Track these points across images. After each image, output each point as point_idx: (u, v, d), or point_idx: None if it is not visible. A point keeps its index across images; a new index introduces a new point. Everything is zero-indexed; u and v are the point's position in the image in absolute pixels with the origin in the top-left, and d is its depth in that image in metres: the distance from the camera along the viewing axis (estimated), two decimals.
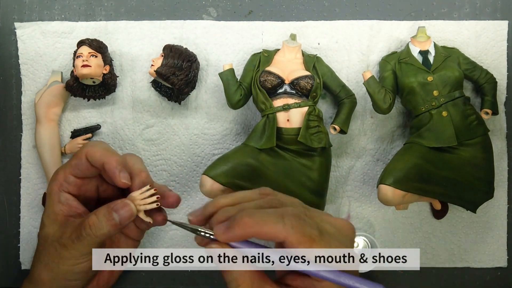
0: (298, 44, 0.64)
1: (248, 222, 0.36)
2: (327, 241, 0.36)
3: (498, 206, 0.67)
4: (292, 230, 0.35)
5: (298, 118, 0.60)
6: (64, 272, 0.46)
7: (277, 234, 0.35)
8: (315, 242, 0.36)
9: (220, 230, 0.37)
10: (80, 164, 0.46)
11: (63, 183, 0.47)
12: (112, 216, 0.44)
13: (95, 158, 0.45)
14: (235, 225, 0.36)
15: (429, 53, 0.63)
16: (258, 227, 0.35)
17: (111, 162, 0.45)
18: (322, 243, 0.36)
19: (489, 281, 0.68)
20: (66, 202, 0.47)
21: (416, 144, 0.61)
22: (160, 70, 0.61)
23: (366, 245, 0.66)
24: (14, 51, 0.67)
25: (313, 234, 0.36)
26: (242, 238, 0.37)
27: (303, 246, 0.36)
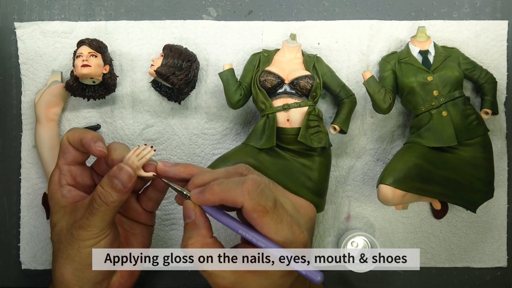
0: (298, 44, 0.64)
1: (216, 189, 0.41)
2: (279, 215, 0.40)
3: (498, 206, 0.67)
4: (248, 196, 0.39)
5: (298, 118, 0.60)
6: (87, 257, 0.46)
7: (236, 199, 0.40)
8: (268, 213, 0.39)
9: (195, 192, 0.43)
10: (66, 150, 0.49)
11: (60, 177, 0.49)
12: (114, 183, 0.45)
13: (74, 138, 0.48)
14: (206, 190, 0.42)
15: (429, 53, 0.63)
16: (223, 193, 0.41)
17: (86, 136, 0.47)
18: (273, 215, 0.40)
19: (489, 281, 0.68)
20: (69, 193, 0.49)
21: (416, 144, 0.61)
22: (160, 70, 0.61)
23: (366, 245, 0.66)
24: (14, 51, 0.67)
25: (267, 205, 0.40)
26: (211, 202, 0.42)
27: (256, 214, 0.39)
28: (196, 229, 0.43)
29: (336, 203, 0.67)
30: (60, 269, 0.48)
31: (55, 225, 0.49)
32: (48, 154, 0.63)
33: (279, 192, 0.43)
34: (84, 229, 0.46)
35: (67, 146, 0.49)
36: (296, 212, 0.43)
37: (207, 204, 0.42)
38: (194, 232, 0.43)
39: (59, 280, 0.48)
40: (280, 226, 0.40)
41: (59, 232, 0.48)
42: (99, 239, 0.47)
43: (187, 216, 0.44)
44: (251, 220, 0.40)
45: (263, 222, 0.40)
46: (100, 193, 0.45)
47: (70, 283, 0.47)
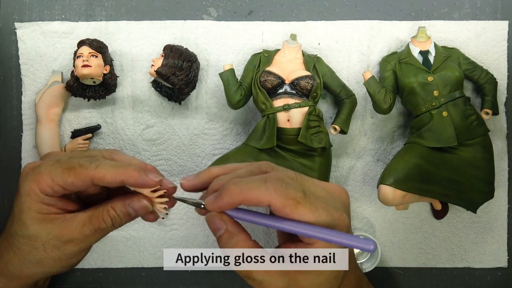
0: (298, 44, 0.64)
1: (234, 190, 0.37)
2: (312, 203, 0.37)
3: (498, 206, 0.67)
4: (275, 193, 0.36)
5: (298, 118, 0.60)
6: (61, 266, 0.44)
7: (261, 198, 0.36)
8: (300, 204, 0.36)
9: (210, 200, 0.38)
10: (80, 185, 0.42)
11: (46, 189, 0.43)
12: (128, 212, 0.43)
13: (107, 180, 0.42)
14: (222, 194, 0.37)
15: (430, 53, 0.63)
16: (243, 193, 0.37)
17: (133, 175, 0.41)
18: (307, 204, 0.37)
19: (490, 281, 0.68)
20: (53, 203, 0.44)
21: (417, 144, 0.61)
22: (161, 70, 0.61)
23: None
24: (15, 51, 0.67)
25: (297, 196, 0.37)
26: (231, 206, 0.38)
27: (288, 208, 0.36)
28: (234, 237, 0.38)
29: None
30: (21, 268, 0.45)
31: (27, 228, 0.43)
32: None
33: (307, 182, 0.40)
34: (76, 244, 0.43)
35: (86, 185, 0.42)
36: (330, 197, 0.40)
37: (227, 208, 0.38)
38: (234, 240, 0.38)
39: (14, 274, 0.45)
40: (317, 213, 0.37)
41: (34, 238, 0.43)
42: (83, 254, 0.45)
43: (216, 228, 0.39)
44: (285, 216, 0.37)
45: (298, 214, 0.36)
46: (113, 216, 0.43)
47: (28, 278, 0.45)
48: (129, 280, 0.67)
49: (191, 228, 0.67)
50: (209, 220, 0.39)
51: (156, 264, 0.67)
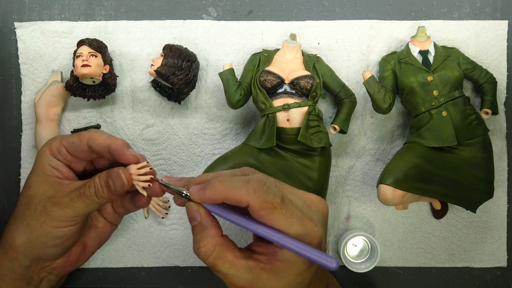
0: (298, 44, 0.64)
1: (218, 187, 0.39)
2: (288, 210, 0.38)
3: (498, 206, 0.67)
4: (254, 194, 0.38)
5: (298, 118, 0.60)
6: (45, 235, 0.46)
7: (241, 198, 0.38)
8: (276, 208, 0.38)
9: (194, 190, 0.41)
10: (79, 145, 0.47)
11: (55, 152, 0.48)
12: (109, 182, 0.45)
13: (99, 141, 0.46)
14: (207, 188, 0.40)
15: (429, 53, 0.63)
16: (226, 191, 0.39)
17: (117, 142, 0.46)
18: (283, 210, 0.38)
19: (489, 281, 0.68)
20: (57, 167, 0.48)
21: (416, 144, 0.61)
22: (160, 70, 0.61)
23: (366, 245, 0.66)
24: (14, 51, 0.67)
25: (275, 201, 0.38)
26: (213, 201, 0.40)
27: (264, 211, 0.38)
28: (204, 230, 0.41)
29: (336, 203, 0.67)
30: (14, 232, 0.47)
31: (29, 187, 0.48)
32: None
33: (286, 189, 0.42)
34: (61, 207, 0.45)
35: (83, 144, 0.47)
36: (307, 207, 0.41)
37: (209, 202, 0.41)
38: (203, 234, 0.41)
39: (7, 243, 0.48)
40: (291, 220, 0.38)
41: (31, 196, 0.47)
42: (66, 224, 0.46)
43: (192, 218, 0.42)
44: (259, 218, 0.39)
45: (273, 218, 0.38)
46: (96, 184, 0.46)
47: (17, 250, 0.47)
48: (129, 280, 0.67)
49: (190, 228, 0.67)
50: (187, 208, 0.42)
51: (156, 264, 0.67)
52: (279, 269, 0.40)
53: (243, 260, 0.40)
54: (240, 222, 0.40)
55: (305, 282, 0.41)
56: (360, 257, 0.66)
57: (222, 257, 0.40)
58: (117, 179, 0.45)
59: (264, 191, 0.38)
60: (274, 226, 0.38)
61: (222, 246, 0.41)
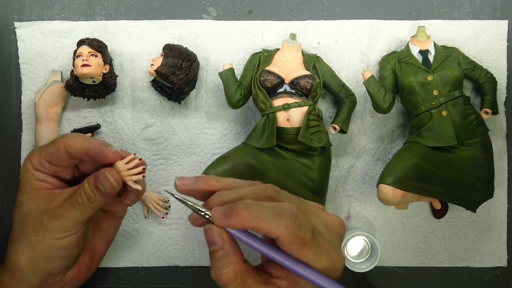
0: (298, 43, 0.64)
1: (245, 215, 0.36)
2: (318, 244, 0.37)
3: (498, 205, 0.67)
4: (286, 230, 0.36)
5: (298, 117, 0.60)
6: (48, 248, 0.45)
7: (271, 231, 0.36)
8: (306, 244, 0.36)
9: (218, 214, 0.37)
10: (57, 154, 0.47)
11: (37, 165, 0.48)
12: (99, 186, 0.45)
13: (76, 147, 0.46)
14: (232, 214, 0.37)
15: (429, 52, 0.63)
16: (254, 222, 0.36)
17: (94, 144, 0.45)
18: (312, 246, 0.37)
19: (489, 281, 0.68)
20: (44, 179, 0.47)
21: (416, 144, 0.61)
22: (160, 69, 0.61)
23: (366, 245, 0.66)
24: (14, 50, 0.67)
25: (306, 237, 0.36)
26: (238, 228, 0.38)
27: (294, 246, 0.36)
28: (227, 257, 0.38)
29: (336, 203, 0.67)
30: (17, 253, 0.46)
31: (21, 205, 0.47)
32: None
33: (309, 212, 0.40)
34: (58, 219, 0.45)
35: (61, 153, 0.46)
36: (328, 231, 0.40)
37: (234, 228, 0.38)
38: (225, 260, 0.38)
39: (12, 264, 0.47)
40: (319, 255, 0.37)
41: (25, 214, 0.46)
42: (67, 234, 0.46)
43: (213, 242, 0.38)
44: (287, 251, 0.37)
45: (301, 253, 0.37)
46: (86, 190, 0.45)
47: (24, 269, 0.46)
48: (129, 280, 0.67)
49: (190, 227, 0.67)
50: (208, 232, 0.39)
51: (156, 264, 0.67)
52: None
53: (263, 286, 0.38)
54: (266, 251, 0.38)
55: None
56: (360, 257, 0.66)
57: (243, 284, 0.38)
58: (105, 181, 0.44)
59: (296, 226, 0.36)
60: (302, 259, 0.37)
61: (244, 273, 0.38)
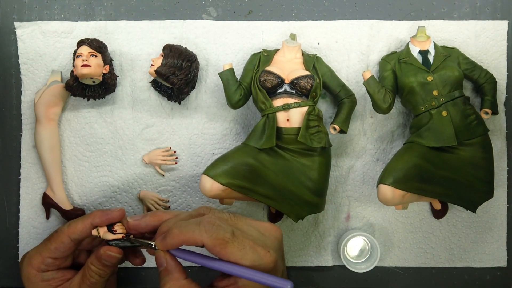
0: (298, 44, 0.64)
1: (175, 232, 0.44)
2: (240, 242, 0.43)
3: (498, 206, 0.67)
4: (206, 234, 0.42)
5: (298, 117, 0.60)
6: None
7: (196, 239, 0.43)
8: (228, 243, 0.42)
9: (158, 240, 0.46)
10: (63, 246, 0.50)
11: (41, 267, 0.50)
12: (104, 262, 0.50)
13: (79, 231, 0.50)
14: (167, 236, 0.44)
15: (429, 53, 0.63)
16: (182, 235, 0.43)
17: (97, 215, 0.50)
18: (235, 244, 0.43)
19: (489, 281, 0.68)
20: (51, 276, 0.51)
21: (416, 144, 0.61)
22: (160, 69, 0.61)
23: (366, 245, 0.66)
24: (14, 50, 0.67)
25: (226, 237, 0.43)
26: (174, 246, 0.45)
27: (218, 247, 0.42)
28: (169, 275, 0.45)
29: (336, 203, 0.67)
30: None
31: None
32: (48, 154, 0.63)
33: (241, 222, 0.46)
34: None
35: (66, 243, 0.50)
36: (261, 235, 0.45)
37: (172, 247, 0.45)
38: (167, 278, 0.45)
39: None
40: (244, 251, 0.42)
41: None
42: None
43: (159, 264, 0.46)
44: (216, 254, 0.43)
45: (227, 252, 0.42)
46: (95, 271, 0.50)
47: None
48: (128, 280, 0.67)
49: None
50: (156, 257, 0.46)
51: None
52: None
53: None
54: (200, 261, 0.45)
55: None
56: (360, 257, 0.66)
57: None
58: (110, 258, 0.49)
59: (214, 229, 0.43)
60: (230, 258, 0.42)
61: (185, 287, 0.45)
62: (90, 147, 0.66)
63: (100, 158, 0.66)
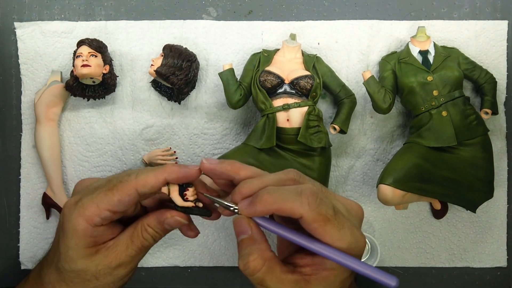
0: (298, 44, 0.64)
1: (268, 199, 0.38)
2: (340, 221, 0.38)
3: (498, 206, 0.67)
4: (308, 207, 0.37)
5: (298, 118, 0.60)
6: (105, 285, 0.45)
7: (294, 211, 0.37)
8: (330, 221, 0.37)
9: (243, 205, 0.40)
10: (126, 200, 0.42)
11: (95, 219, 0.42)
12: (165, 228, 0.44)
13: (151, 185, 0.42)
14: (256, 201, 0.39)
15: (429, 53, 0.63)
16: (277, 204, 0.38)
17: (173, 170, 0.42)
18: (335, 222, 0.38)
19: (489, 281, 0.68)
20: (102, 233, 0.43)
21: (416, 144, 0.61)
22: (160, 70, 0.61)
23: (366, 245, 0.66)
24: (14, 51, 0.67)
25: (328, 214, 0.38)
26: (263, 213, 0.39)
27: (317, 223, 0.37)
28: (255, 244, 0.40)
29: None
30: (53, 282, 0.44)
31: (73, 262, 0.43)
32: (47, 154, 0.63)
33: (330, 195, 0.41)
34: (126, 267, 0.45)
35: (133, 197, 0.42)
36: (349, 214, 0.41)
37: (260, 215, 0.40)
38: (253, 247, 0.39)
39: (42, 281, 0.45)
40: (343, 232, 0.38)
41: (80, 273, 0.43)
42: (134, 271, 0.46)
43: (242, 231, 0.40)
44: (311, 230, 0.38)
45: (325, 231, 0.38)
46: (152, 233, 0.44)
47: None
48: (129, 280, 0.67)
49: None
50: (236, 222, 0.40)
51: (156, 264, 0.67)
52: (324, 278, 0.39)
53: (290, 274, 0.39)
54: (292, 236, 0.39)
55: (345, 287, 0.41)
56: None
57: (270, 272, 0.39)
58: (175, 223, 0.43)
59: (318, 203, 0.38)
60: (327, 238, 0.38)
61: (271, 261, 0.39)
62: (90, 147, 0.66)
63: (100, 158, 0.66)
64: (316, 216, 0.37)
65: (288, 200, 0.38)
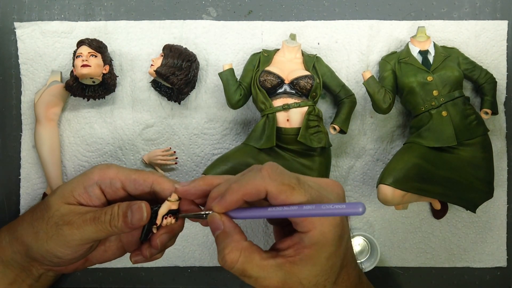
0: (297, 44, 0.64)
1: (235, 187, 0.38)
2: (307, 190, 0.38)
3: (497, 206, 0.67)
4: (270, 179, 0.37)
5: (298, 118, 0.60)
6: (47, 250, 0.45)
7: (259, 187, 0.37)
8: (295, 189, 0.37)
9: (215, 203, 0.40)
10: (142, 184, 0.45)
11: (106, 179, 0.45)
12: (127, 214, 0.44)
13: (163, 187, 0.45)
14: (226, 194, 0.39)
15: (429, 53, 0.63)
16: (243, 188, 0.38)
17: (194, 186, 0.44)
18: (301, 190, 0.37)
19: (489, 281, 0.68)
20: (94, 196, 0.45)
21: (416, 144, 0.61)
22: (160, 70, 0.61)
23: (366, 245, 0.66)
24: (14, 51, 0.67)
25: (292, 182, 0.37)
26: (235, 203, 0.39)
27: (284, 194, 0.37)
28: (228, 237, 0.40)
29: None
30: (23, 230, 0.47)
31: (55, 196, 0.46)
32: (47, 154, 0.63)
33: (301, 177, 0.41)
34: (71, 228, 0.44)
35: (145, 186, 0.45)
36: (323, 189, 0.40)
37: (231, 206, 0.40)
38: (227, 241, 0.40)
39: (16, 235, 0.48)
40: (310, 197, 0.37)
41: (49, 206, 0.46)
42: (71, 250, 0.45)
43: (216, 228, 0.41)
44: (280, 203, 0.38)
45: (293, 200, 0.37)
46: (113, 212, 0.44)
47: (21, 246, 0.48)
48: (128, 280, 0.67)
49: (190, 227, 0.67)
50: (210, 220, 0.41)
51: (156, 264, 0.67)
52: (308, 256, 0.38)
53: (271, 259, 0.39)
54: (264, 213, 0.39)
55: (336, 266, 0.40)
56: (360, 257, 0.66)
57: (249, 261, 0.39)
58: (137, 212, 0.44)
59: (278, 174, 0.38)
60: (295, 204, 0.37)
61: (247, 250, 0.39)
62: (90, 147, 0.66)
63: (100, 158, 0.66)
64: (279, 187, 0.37)
65: (250, 179, 0.38)
